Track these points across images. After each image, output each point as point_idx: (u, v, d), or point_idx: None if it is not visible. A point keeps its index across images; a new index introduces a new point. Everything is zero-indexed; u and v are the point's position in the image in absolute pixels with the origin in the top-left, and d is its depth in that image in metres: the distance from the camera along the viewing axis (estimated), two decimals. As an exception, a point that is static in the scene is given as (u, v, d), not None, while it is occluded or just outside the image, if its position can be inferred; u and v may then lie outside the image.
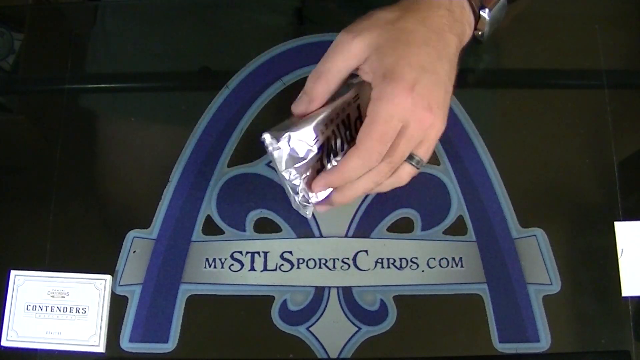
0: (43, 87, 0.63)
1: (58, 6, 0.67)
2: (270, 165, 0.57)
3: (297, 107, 0.47)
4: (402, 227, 0.55)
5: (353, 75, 0.47)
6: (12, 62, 0.63)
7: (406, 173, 0.48)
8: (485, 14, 0.52)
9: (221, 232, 0.55)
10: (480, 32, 0.52)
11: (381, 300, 0.53)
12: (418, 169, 0.49)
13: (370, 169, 0.45)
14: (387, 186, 0.49)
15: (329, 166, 0.48)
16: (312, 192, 0.48)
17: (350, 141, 0.48)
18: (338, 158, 0.48)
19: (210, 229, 0.55)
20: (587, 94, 0.60)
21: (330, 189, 0.48)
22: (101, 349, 0.52)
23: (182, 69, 0.62)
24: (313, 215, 0.55)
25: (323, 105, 0.47)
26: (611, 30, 0.61)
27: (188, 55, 0.48)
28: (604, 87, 0.59)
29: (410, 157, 0.47)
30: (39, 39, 0.64)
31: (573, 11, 0.63)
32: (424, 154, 0.48)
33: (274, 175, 0.57)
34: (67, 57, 0.62)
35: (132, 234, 0.55)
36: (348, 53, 0.45)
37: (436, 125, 0.46)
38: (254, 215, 0.56)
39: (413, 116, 0.44)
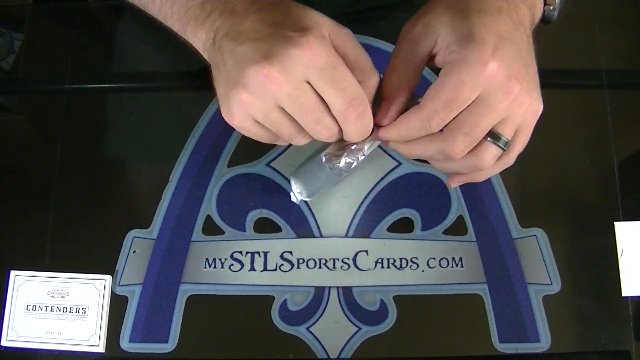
0: (43, 87, 0.63)
1: (58, 6, 0.67)
2: (271, 165, 0.57)
3: (378, 118, 0.43)
4: (402, 227, 0.55)
5: None
6: (12, 62, 0.63)
7: (490, 155, 0.42)
8: None
9: (221, 232, 0.55)
10: (551, 7, 0.47)
11: (381, 300, 0.53)
12: (504, 150, 0.43)
13: (429, 133, 0.41)
14: (466, 167, 0.44)
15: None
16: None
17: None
18: None
19: (210, 229, 0.55)
20: (587, 94, 0.60)
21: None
22: (101, 349, 0.52)
23: (182, 69, 0.62)
24: (313, 215, 0.55)
25: None
26: (611, 30, 0.61)
27: (188, 55, 0.48)
28: (604, 87, 0.59)
29: (496, 138, 0.42)
30: (39, 39, 0.64)
31: (573, 11, 0.63)
32: (510, 133, 0.42)
33: (274, 175, 0.57)
34: (67, 57, 0.62)
35: (132, 234, 0.55)
36: (413, 39, 0.41)
37: (525, 102, 0.40)
38: (254, 215, 0.56)
39: (494, 85, 0.39)
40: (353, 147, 0.45)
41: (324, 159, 0.47)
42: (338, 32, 0.41)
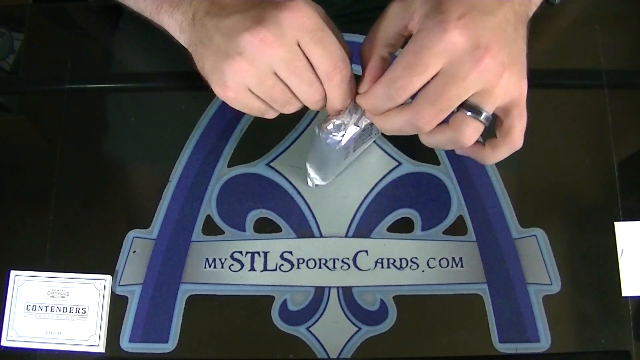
0: (43, 87, 0.63)
1: (58, 6, 0.67)
2: (271, 165, 0.57)
3: (358, 87, 0.44)
4: (402, 227, 0.55)
5: None
6: (12, 62, 0.63)
7: (470, 129, 0.41)
8: None
9: (221, 232, 0.55)
10: None
11: (381, 300, 0.53)
12: (485, 125, 0.41)
13: (396, 103, 0.41)
14: (447, 141, 0.43)
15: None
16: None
17: None
18: None
19: (210, 229, 0.55)
20: (587, 94, 0.60)
21: None
22: (101, 349, 0.52)
23: (182, 69, 0.62)
24: (313, 215, 0.55)
25: None
26: (611, 30, 0.61)
27: (188, 56, 0.48)
28: (604, 87, 0.59)
29: (476, 112, 0.40)
30: (39, 39, 0.64)
31: (573, 11, 0.63)
32: (491, 107, 0.41)
33: (274, 175, 0.57)
34: (67, 57, 0.62)
35: (132, 234, 0.55)
36: (390, 14, 0.42)
37: (502, 74, 0.39)
38: (254, 215, 0.56)
39: (458, 54, 0.38)
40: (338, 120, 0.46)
41: (317, 131, 0.46)
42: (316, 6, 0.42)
